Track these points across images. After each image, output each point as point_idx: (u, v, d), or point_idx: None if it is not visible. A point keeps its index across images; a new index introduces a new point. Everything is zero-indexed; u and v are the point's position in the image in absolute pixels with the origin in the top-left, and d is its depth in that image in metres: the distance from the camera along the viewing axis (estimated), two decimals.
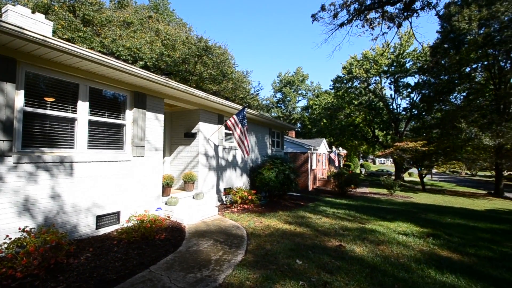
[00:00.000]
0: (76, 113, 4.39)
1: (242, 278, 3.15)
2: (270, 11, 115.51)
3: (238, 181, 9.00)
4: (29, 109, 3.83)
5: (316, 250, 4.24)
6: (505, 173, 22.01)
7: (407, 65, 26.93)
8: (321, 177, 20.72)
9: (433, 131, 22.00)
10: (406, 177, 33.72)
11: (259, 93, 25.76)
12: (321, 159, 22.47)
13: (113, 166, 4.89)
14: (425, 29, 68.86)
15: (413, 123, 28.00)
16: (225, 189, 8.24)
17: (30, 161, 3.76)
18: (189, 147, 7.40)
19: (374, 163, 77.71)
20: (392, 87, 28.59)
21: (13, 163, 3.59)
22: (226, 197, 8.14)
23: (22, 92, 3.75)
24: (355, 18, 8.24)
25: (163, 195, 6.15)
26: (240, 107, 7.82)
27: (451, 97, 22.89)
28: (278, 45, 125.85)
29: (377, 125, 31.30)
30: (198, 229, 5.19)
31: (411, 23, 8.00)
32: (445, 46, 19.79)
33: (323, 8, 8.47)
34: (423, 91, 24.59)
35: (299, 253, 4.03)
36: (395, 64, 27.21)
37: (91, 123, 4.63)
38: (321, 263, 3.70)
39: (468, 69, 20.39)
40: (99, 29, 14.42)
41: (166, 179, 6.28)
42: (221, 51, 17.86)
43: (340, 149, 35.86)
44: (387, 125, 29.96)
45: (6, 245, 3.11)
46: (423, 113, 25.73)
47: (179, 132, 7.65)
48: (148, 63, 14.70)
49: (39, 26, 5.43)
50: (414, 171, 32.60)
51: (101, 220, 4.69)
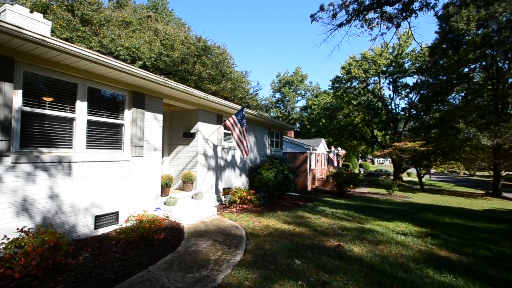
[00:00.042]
0: (74, 113, 4.38)
1: (241, 278, 3.15)
2: (269, 11, 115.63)
3: (237, 181, 8.99)
4: (27, 109, 3.81)
5: (315, 250, 4.25)
6: (503, 173, 22.14)
7: (406, 66, 27.03)
8: (320, 177, 20.74)
9: (432, 131, 22.12)
10: (404, 177, 33.84)
11: (258, 93, 25.76)
12: (320, 159, 22.49)
13: (111, 166, 4.88)
14: (424, 30, 69.18)
15: (412, 123, 28.13)
16: (224, 189, 8.24)
17: (28, 161, 3.75)
18: (188, 147, 7.39)
19: (373, 163, 77.93)
20: (390, 87, 28.72)
21: (11, 163, 3.58)
22: (225, 197, 8.14)
23: (20, 91, 3.73)
24: (354, 18, 8.25)
25: (162, 195, 6.14)
26: (239, 107, 7.82)
27: (450, 97, 23.02)
28: (277, 45, 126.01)
29: (375, 125, 31.41)
30: (197, 229, 5.19)
31: (409, 23, 8.03)
32: (444, 46, 19.85)
33: (322, 8, 8.48)
34: (422, 91, 24.72)
35: (298, 253, 4.04)
36: (393, 64, 27.30)
37: (90, 123, 4.62)
38: (320, 263, 3.71)
39: (466, 70, 20.51)
40: (97, 28, 14.38)
41: (165, 179, 6.27)
42: (220, 51, 17.85)
43: (339, 149, 35.90)
44: (386, 125, 30.07)
45: (4, 246, 3.10)
46: (422, 113, 25.85)
47: (178, 132, 7.64)
48: (147, 63, 14.68)
49: (37, 25, 5.40)
50: (412, 171, 32.69)
51: (99, 220, 4.68)
